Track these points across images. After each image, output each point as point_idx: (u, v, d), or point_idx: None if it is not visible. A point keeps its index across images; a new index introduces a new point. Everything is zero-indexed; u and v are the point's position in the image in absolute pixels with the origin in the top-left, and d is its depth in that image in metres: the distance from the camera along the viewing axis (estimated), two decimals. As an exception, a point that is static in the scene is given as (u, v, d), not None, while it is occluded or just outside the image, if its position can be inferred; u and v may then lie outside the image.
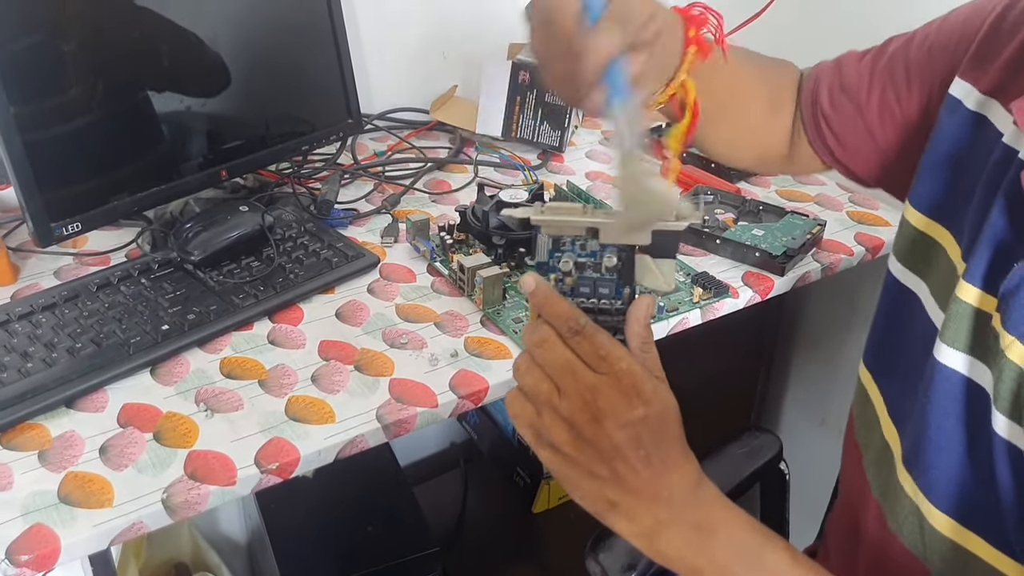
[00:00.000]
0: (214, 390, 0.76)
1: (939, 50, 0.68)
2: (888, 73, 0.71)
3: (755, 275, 0.95)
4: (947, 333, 0.55)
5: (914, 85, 0.70)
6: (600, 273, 0.55)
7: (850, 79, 0.74)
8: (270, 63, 1.01)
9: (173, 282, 0.88)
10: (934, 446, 0.56)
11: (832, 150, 0.76)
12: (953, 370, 0.55)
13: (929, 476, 0.57)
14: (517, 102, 1.20)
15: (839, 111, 0.74)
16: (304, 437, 0.72)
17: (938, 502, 0.56)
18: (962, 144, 0.62)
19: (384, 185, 1.12)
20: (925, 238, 0.63)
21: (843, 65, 0.75)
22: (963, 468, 0.54)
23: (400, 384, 0.78)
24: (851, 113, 0.73)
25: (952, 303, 0.55)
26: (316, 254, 0.93)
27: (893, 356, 0.66)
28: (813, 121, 0.77)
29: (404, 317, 0.87)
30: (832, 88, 0.75)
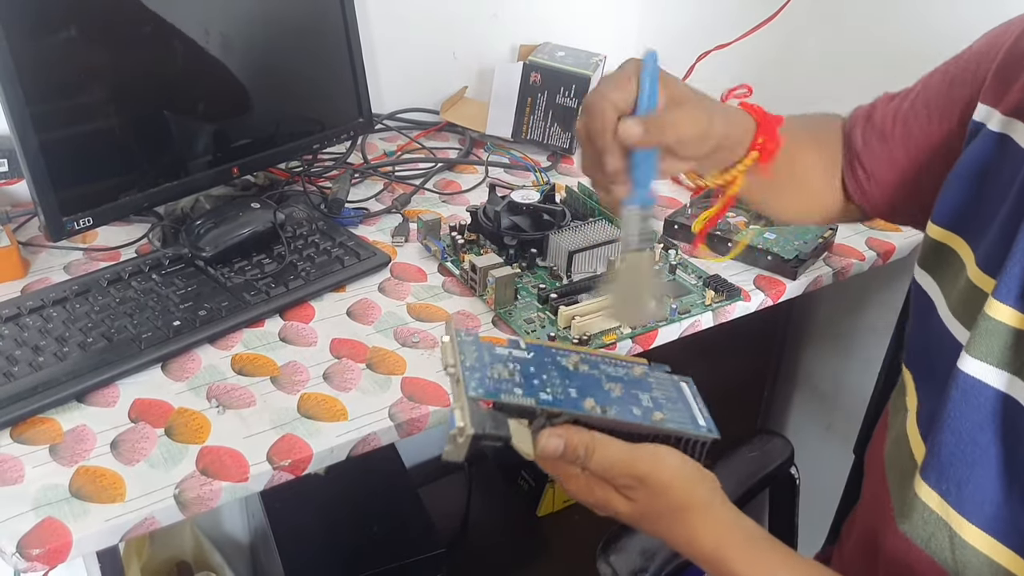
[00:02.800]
0: (226, 386, 0.76)
1: (959, 83, 0.70)
2: (912, 108, 0.73)
3: (767, 279, 0.95)
4: (977, 348, 0.56)
5: (934, 117, 0.71)
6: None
7: (880, 117, 0.76)
8: (282, 62, 1.00)
9: (184, 278, 0.88)
10: (967, 461, 0.56)
11: (863, 186, 0.77)
12: (986, 385, 0.55)
13: (963, 492, 0.56)
14: (528, 103, 1.20)
15: (868, 147, 0.76)
16: (316, 434, 0.71)
17: (972, 517, 0.56)
18: (985, 162, 0.63)
19: (394, 185, 1.12)
20: (942, 247, 0.65)
21: (875, 107, 0.77)
22: (1000, 484, 0.54)
23: (412, 383, 0.78)
24: (877, 147, 0.75)
25: (981, 320, 0.56)
26: (327, 252, 0.93)
27: (921, 358, 0.67)
28: (849, 164, 0.78)
29: (416, 316, 0.87)
30: (865, 128, 0.77)
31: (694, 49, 1.30)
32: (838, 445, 1.28)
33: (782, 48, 1.23)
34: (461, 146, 1.25)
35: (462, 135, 1.26)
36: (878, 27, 1.12)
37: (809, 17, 1.18)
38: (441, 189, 1.13)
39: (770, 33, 1.17)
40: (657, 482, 0.56)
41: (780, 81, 1.26)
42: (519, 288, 0.90)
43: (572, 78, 1.18)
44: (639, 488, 0.56)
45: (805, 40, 1.21)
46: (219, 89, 0.94)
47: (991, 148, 0.62)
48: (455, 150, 1.24)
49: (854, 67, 1.16)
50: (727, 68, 1.29)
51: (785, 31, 1.20)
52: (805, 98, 1.23)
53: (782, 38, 1.21)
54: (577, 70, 1.18)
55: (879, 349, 1.00)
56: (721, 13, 1.31)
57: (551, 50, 1.24)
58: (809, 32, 1.21)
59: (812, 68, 1.21)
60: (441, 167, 1.17)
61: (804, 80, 1.23)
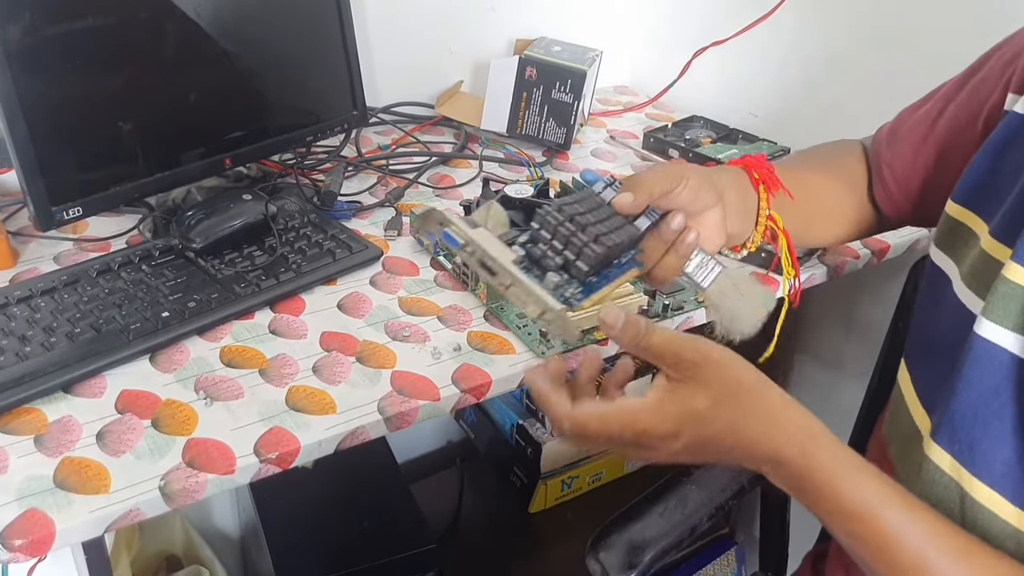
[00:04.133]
0: (214, 378, 0.75)
1: (981, 83, 0.73)
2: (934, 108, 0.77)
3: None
4: (994, 311, 0.57)
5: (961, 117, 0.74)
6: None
7: (906, 126, 0.80)
8: (276, 53, 1.00)
9: (174, 269, 0.87)
10: (980, 422, 0.57)
11: (892, 194, 0.80)
12: (1002, 348, 0.56)
13: (975, 451, 0.57)
14: (523, 98, 1.19)
15: (897, 153, 0.80)
16: (305, 427, 0.71)
17: (982, 476, 0.57)
18: (1005, 141, 0.65)
19: (388, 178, 1.12)
20: (958, 224, 0.66)
21: (900, 118, 0.82)
22: (1014, 444, 0.55)
23: (402, 376, 0.77)
24: (902, 147, 0.79)
25: (999, 284, 0.57)
26: (319, 245, 0.93)
27: (927, 341, 0.68)
28: (877, 173, 0.81)
29: (407, 310, 0.86)
30: (890, 139, 0.81)
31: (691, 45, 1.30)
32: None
33: (780, 44, 1.23)
34: (456, 140, 1.24)
35: (457, 129, 1.26)
36: (877, 21, 1.12)
37: (807, 12, 1.18)
38: (435, 183, 1.13)
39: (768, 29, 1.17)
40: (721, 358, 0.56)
41: (778, 78, 1.25)
42: (511, 283, 0.90)
43: (568, 73, 1.17)
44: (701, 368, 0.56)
45: (804, 36, 1.21)
46: (211, 79, 0.93)
47: (1013, 128, 0.64)
48: (450, 144, 1.23)
49: (853, 62, 1.15)
50: (724, 65, 1.28)
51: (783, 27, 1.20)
52: (803, 95, 1.23)
53: (780, 34, 1.21)
54: (573, 65, 1.17)
55: (873, 347, 1.00)
56: (718, 8, 1.31)
57: (547, 45, 1.23)
58: (808, 27, 1.20)
59: (811, 64, 1.21)
60: (435, 161, 1.16)
61: (802, 77, 1.22)
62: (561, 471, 1.33)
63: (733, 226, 0.72)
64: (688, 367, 0.57)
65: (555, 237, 0.56)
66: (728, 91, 1.31)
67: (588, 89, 1.24)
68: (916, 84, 0.82)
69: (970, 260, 0.63)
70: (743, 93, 1.30)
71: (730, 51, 1.17)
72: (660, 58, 1.42)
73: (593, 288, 0.56)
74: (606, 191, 0.60)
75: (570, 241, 0.56)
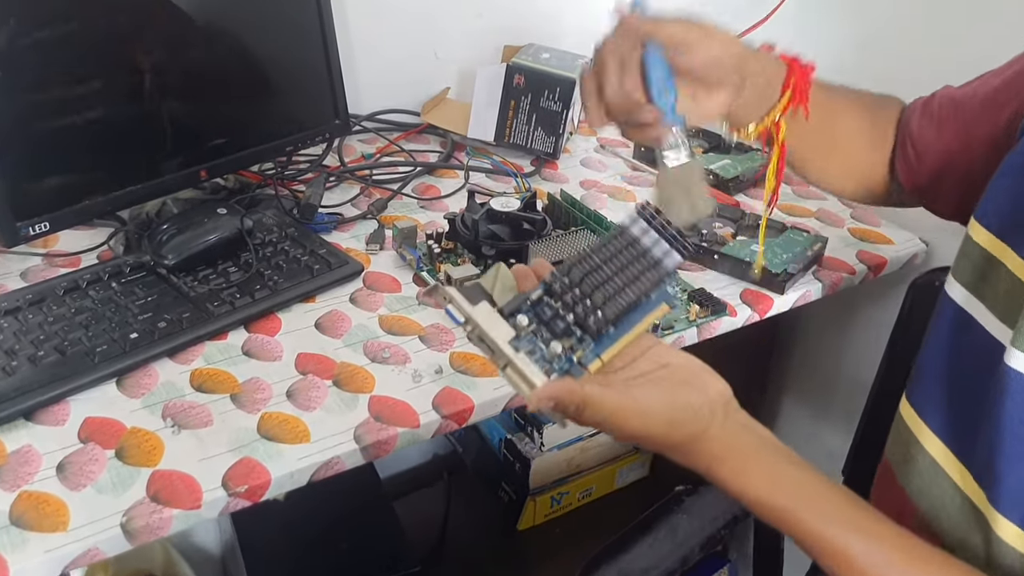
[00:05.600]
0: (183, 404, 0.72)
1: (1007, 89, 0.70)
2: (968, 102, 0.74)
3: (754, 293, 0.92)
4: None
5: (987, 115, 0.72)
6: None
7: (937, 106, 0.77)
8: (254, 59, 0.96)
9: (145, 287, 0.84)
10: (1007, 457, 0.54)
11: (912, 165, 0.78)
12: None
13: (1000, 487, 0.55)
14: (511, 106, 1.16)
15: (922, 132, 0.77)
16: (276, 457, 0.67)
17: (1009, 513, 0.55)
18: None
19: (371, 189, 1.08)
20: (990, 259, 0.62)
21: (935, 96, 0.78)
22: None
23: (380, 401, 0.74)
24: (931, 133, 0.76)
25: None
26: (297, 260, 0.89)
27: (949, 385, 0.64)
28: (902, 145, 0.79)
29: (387, 329, 0.83)
30: (922, 115, 0.77)
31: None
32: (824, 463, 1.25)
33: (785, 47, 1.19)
34: (442, 149, 1.21)
35: (443, 138, 1.22)
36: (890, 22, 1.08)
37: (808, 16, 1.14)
38: (420, 194, 1.09)
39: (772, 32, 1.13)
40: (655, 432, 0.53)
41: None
42: (496, 300, 0.86)
43: (557, 81, 1.14)
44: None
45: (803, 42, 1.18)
46: (185, 88, 0.90)
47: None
48: (436, 153, 1.20)
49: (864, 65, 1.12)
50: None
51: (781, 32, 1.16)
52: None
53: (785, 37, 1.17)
54: (562, 73, 1.14)
55: (869, 368, 0.97)
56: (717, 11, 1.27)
57: (536, 51, 1.20)
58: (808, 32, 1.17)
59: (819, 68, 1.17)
60: (420, 171, 1.13)
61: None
62: (550, 487, 1.29)
63: (742, 110, 0.71)
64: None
65: (562, 301, 0.53)
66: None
67: (578, 97, 1.20)
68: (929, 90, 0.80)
69: (1001, 290, 0.59)
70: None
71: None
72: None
73: (609, 340, 0.53)
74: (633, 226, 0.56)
75: (578, 304, 0.53)
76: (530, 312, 0.53)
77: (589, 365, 0.52)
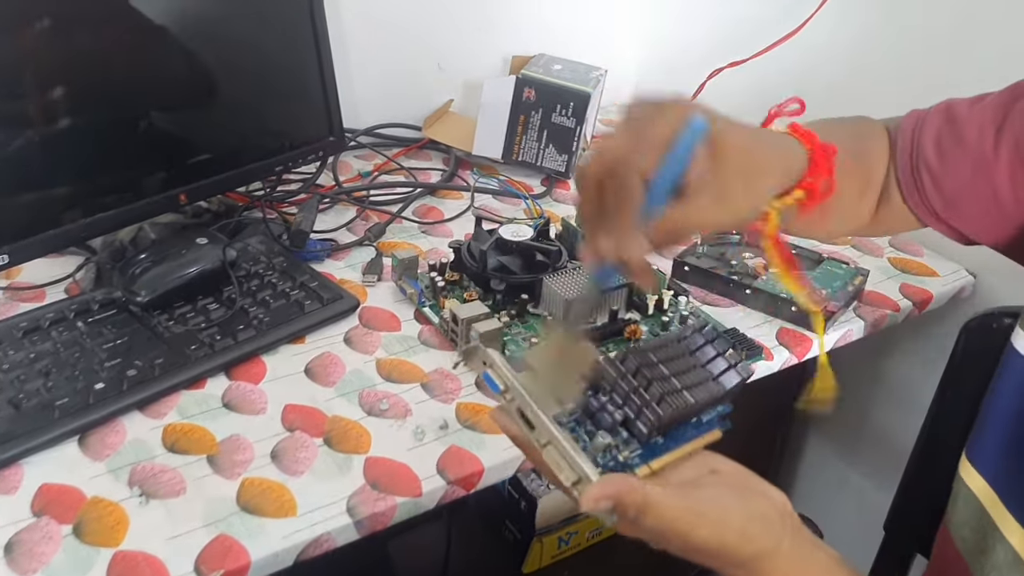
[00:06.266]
0: (152, 468, 0.63)
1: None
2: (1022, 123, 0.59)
3: (791, 332, 0.83)
4: None
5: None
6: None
7: (965, 129, 0.62)
8: (240, 70, 0.87)
9: (115, 327, 0.75)
10: None
11: (935, 209, 0.64)
12: None
13: None
14: (520, 121, 1.08)
15: (951, 167, 0.63)
16: (257, 534, 0.59)
17: None
18: None
19: (368, 212, 0.99)
20: None
21: (953, 114, 0.64)
22: None
23: (377, 465, 0.65)
24: (968, 172, 0.62)
25: None
26: (285, 295, 0.81)
27: (1012, 436, 0.56)
28: (912, 176, 0.65)
29: (386, 376, 0.75)
30: (941, 140, 0.63)
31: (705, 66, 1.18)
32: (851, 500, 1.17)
33: (803, 68, 1.11)
34: (445, 167, 1.12)
35: (446, 155, 1.14)
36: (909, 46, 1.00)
37: (834, 34, 1.06)
38: (421, 217, 1.01)
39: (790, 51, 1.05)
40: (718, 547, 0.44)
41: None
42: (507, 341, 0.78)
43: (570, 95, 1.06)
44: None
45: (834, 57, 1.10)
46: (161, 103, 0.81)
47: None
48: (438, 172, 1.11)
49: (883, 90, 1.04)
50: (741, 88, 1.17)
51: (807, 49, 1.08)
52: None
53: (803, 57, 1.09)
54: (575, 86, 1.06)
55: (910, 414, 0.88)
56: (736, 27, 1.19)
57: (547, 63, 1.11)
58: (839, 46, 1.09)
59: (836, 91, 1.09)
60: (421, 192, 1.04)
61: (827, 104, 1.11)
62: (558, 527, 1.21)
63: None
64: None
65: (615, 390, 0.46)
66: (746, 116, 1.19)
67: (592, 112, 1.12)
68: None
69: None
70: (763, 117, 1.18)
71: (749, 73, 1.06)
72: (668, 76, 1.30)
73: (657, 451, 0.45)
74: (694, 336, 0.48)
75: (630, 398, 0.45)
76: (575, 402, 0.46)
77: (637, 469, 0.44)
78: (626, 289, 0.81)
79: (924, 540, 0.82)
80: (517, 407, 0.45)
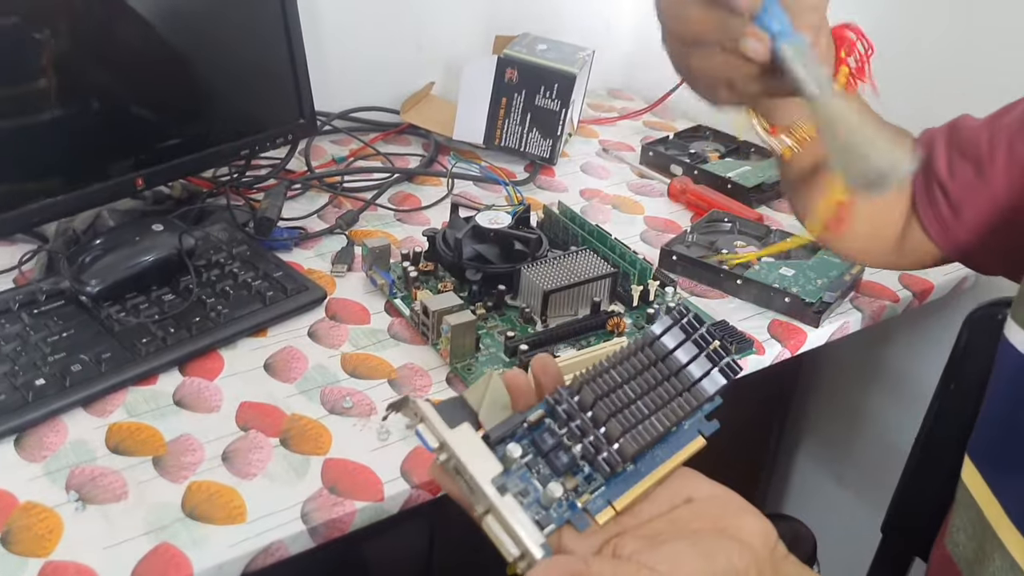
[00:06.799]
0: (93, 471, 0.59)
1: None
2: (1018, 128, 0.59)
3: (784, 325, 0.78)
4: None
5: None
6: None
7: (969, 140, 0.62)
8: (203, 48, 0.82)
9: (62, 319, 0.70)
10: None
11: (945, 221, 0.63)
12: None
13: None
14: (502, 104, 1.03)
15: (958, 176, 0.62)
16: (202, 543, 0.54)
17: None
18: None
19: (341, 199, 0.95)
20: None
21: (960, 127, 0.64)
22: None
23: (337, 466, 0.61)
24: (972, 177, 0.61)
25: None
26: (247, 286, 0.76)
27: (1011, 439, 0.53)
28: (926, 189, 0.64)
29: (351, 371, 0.70)
30: (950, 152, 0.63)
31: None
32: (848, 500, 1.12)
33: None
34: (425, 152, 1.07)
35: (426, 139, 1.09)
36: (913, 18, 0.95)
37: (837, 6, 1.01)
38: (397, 204, 0.96)
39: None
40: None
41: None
42: (482, 335, 0.73)
43: (554, 75, 1.01)
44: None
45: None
46: (114, 81, 0.76)
47: None
48: (417, 157, 1.07)
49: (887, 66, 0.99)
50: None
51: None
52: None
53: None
54: (560, 67, 1.01)
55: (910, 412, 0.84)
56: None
57: (531, 42, 1.06)
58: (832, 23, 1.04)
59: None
60: (398, 178, 0.99)
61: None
62: (544, 528, 1.16)
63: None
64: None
65: (569, 427, 0.41)
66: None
67: (578, 95, 1.07)
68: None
69: None
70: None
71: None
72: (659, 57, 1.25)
73: (626, 482, 0.40)
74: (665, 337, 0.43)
75: (589, 433, 0.40)
76: (526, 439, 0.41)
77: (597, 515, 0.39)
78: (609, 280, 0.77)
79: (923, 543, 0.78)
80: (454, 467, 0.40)
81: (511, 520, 0.38)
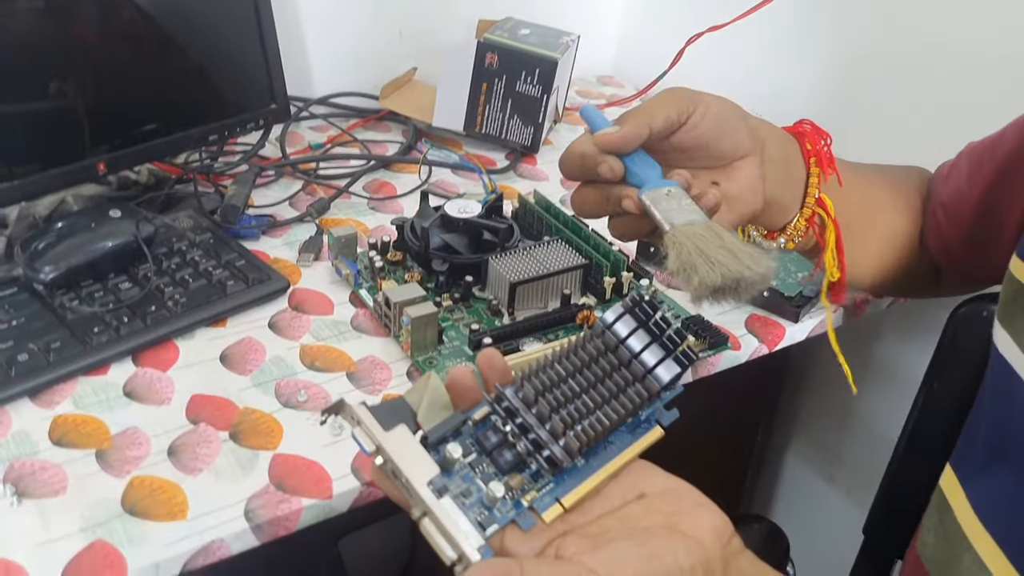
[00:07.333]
0: (32, 465, 0.57)
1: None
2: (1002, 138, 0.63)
3: (762, 320, 0.76)
4: None
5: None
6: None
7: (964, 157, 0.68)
8: (170, 30, 0.80)
9: (13, 307, 0.68)
10: None
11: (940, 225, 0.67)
12: None
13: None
14: (483, 90, 1.00)
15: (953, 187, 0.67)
16: (139, 540, 0.52)
17: None
18: None
19: (315, 186, 0.92)
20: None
21: (962, 154, 0.69)
22: None
23: (285, 462, 0.59)
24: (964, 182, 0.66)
25: None
26: (207, 275, 0.74)
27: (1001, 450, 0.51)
28: (933, 212, 0.68)
29: (309, 364, 0.68)
30: (949, 174, 0.68)
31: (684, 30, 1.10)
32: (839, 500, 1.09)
33: (790, 31, 1.04)
34: (405, 139, 1.05)
35: (406, 126, 1.06)
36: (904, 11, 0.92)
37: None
38: (372, 192, 0.94)
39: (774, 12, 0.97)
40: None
41: (786, 73, 1.06)
42: (447, 327, 0.71)
43: (536, 61, 0.98)
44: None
45: (816, 21, 1.02)
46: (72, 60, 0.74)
47: None
48: (398, 144, 1.04)
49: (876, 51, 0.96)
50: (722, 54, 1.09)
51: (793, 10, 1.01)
52: (816, 93, 1.04)
53: (789, 18, 1.02)
54: (541, 51, 0.98)
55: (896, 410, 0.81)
56: None
57: (513, 27, 1.04)
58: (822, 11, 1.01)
59: (825, 58, 1.01)
60: (374, 165, 0.97)
61: (815, 72, 1.03)
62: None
63: (772, 197, 0.57)
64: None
65: (513, 422, 0.39)
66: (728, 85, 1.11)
67: (562, 80, 1.04)
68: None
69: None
70: (745, 88, 1.10)
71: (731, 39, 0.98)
72: (649, 43, 1.22)
73: (576, 477, 0.38)
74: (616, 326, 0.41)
75: (537, 427, 0.38)
76: (470, 438, 0.39)
77: (544, 512, 0.37)
78: (580, 271, 0.74)
79: (905, 546, 0.75)
80: (391, 470, 0.38)
81: (446, 523, 0.36)
